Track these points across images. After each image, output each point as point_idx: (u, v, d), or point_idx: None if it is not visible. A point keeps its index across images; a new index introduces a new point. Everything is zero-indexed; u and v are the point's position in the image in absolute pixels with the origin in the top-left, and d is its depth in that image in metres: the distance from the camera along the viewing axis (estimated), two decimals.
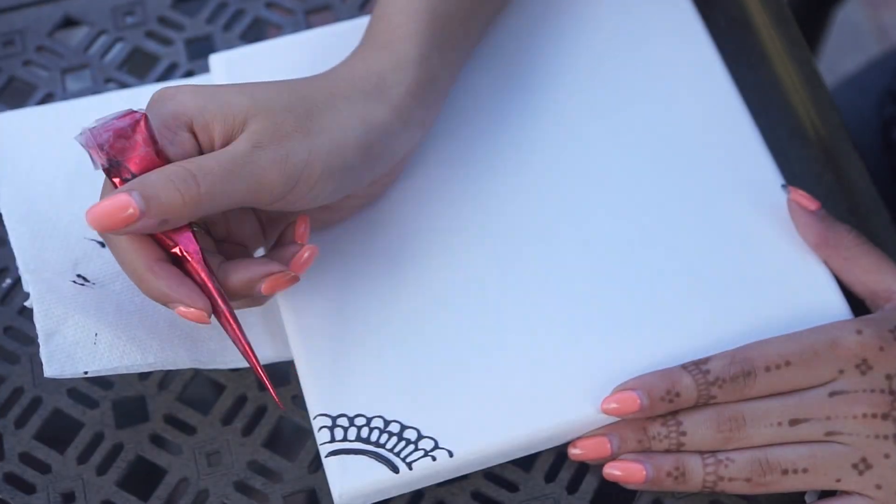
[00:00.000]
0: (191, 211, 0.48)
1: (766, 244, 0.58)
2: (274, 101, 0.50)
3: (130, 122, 0.48)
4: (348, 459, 0.53)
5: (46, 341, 0.53)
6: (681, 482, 0.53)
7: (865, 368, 0.52)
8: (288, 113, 0.50)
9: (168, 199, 0.47)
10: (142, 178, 0.48)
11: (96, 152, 0.48)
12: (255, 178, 0.49)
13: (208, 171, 0.48)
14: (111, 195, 0.47)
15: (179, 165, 0.48)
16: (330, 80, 0.53)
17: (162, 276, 0.48)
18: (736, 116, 0.61)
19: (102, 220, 0.47)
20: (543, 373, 0.55)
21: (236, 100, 0.50)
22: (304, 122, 0.50)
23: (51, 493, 0.55)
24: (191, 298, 0.48)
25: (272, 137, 0.49)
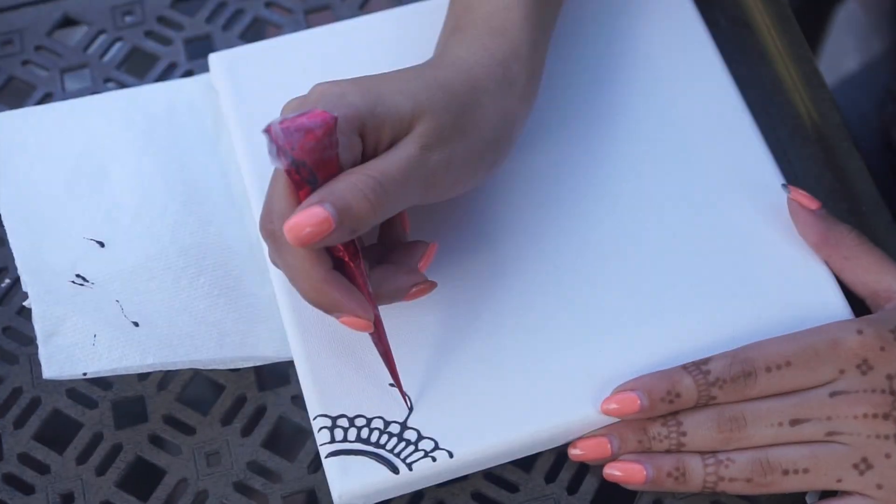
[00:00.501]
0: (378, 219, 0.48)
1: (767, 244, 0.58)
2: (434, 102, 0.50)
3: (322, 124, 0.46)
4: (348, 460, 0.53)
5: (45, 342, 0.53)
6: (681, 483, 0.53)
7: (866, 368, 0.52)
8: (447, 113, 0.51)
9: (360, 209, 0.47)
10: (330, 188, 0.47)
11: (282, 151, 0.46)
12: (428, 180, 0.50)
13: (391, 178, 0.48)
14: (305, 208, 0.46)
15: (364, 174, 0.47)
16: (466, 72, 0.53)
17: (336, 286, 0.48)
18: (736, 116, 0.61)
19: (301, 235, 0.46)
20: (543, 373, 0.54)
21: (402, 102, 0.50)
22: (459, 120, 0.51)
23: (50, 494, 0.55)
24: (362, 309, 0.49)
25: (438, 138, 0.50)
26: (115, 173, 0.60)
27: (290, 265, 0.49)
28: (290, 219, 0.46)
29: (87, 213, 0.58)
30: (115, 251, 0.57)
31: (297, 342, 0.55)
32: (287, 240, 0.47)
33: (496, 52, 0.54)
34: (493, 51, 0.54)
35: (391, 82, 0.51)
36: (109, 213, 0.58)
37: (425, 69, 0.53)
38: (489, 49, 0.54)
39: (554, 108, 0.61)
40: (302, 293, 0.49)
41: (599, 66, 0.63)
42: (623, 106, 0.61)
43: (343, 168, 0.48)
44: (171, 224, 0.58)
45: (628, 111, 0.61)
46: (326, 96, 0.49)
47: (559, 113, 0.61)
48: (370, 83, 0.50)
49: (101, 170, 0.60)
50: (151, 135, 0.61)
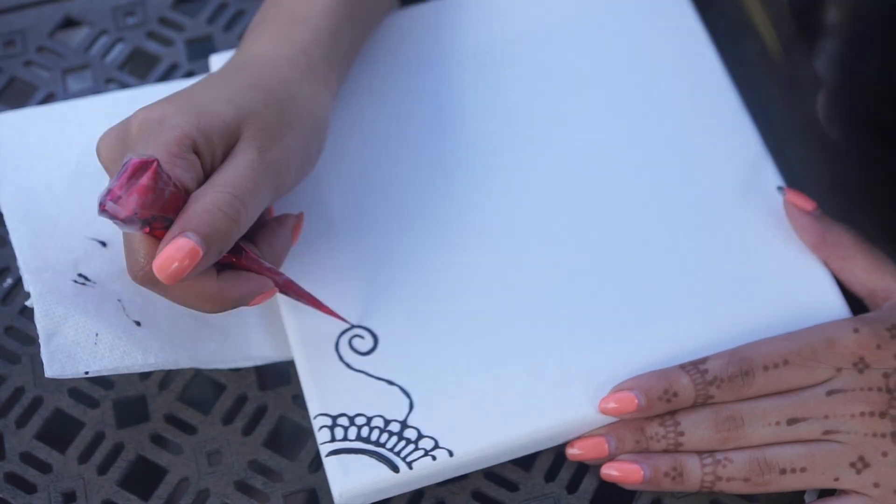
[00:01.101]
0: (242, 231, 0.47)
1: (765, 244, 0.58)
2: (255, 102, 0.50)
3: (149, 172, 0.45)
4: (348, 459, 0.53)
5: (47, 342, 0.53)
6: (679, 482, 0.53)
7: (863, 367, 0.52)
8: (268, 110, 0.50)
9: (223, 227, 0.46)
10: (187, 216, 0.46)
11: (129, 221, 0.45)
12: (275, 180, 0.49)
13: (243, 188, 0.47)
14: (169, 242, 0.45)
15: (216, 191, 0.47)
16: (273, 67, 0.53)
17: (231, 286, 0.48)
18: (735, 117, 0.61)
19: (171, 271, 0.45)
20: (543, 373, 0.55)
21: (224, 108, 0.49)
22: (282, 115, 0.51)
23: (52, 493, 0.55)
24: (262, 287, 0.50)
25: (269, 138, 0.50)
26: None
27: (182, 296, 0.48)
28: (157, 258, 0.45)
29: (88, 212, 0.58)
30: (116, 251, 0.57)
31: (297, 342, 0.56)
32: (161, 285, 0.47)
33: (297, 41, 0.54)
34: (294, 39, 0.54)
35: (207, 91, 0.50)
36: None
37: (233, 72, 0.53)
38: (291, 38, 0.54)
39: (554, 108, 0.62)
40: (206, 312, 0.49)
41: (598, 67, 0.63)
42: (622, 107, 0.62)
43: (189, 189, 0.47)
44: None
45: (627, 112, 0.61)
46: (146, 127, 0.48)
47: (559, 114, 0.61)
48: (187, 98, 0.49)
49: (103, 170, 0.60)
50: None
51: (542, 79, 0.62)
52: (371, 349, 0.55)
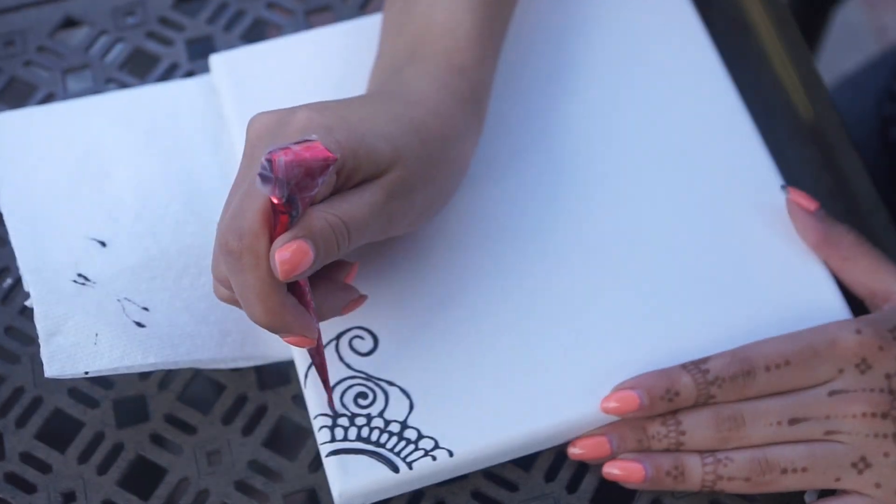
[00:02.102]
0: (333, 259, 0.48)
1: (766, 244, 0.58)
2: (409, 151, 0.50)
3: (323, 165, 0.45)
4: (348, 459, 0.53)
5: (47, 342, 0.53)
6: (680, 481, 0.53)
7: (865, 368, 0.52)
8: (417, 163, 0.51)
9: (329, 250, 0.47)
10: (307, 225, 0.46)
11: (280, 183, 0.45)
12: (385, 226, 0.50)
13: (357, 222, 0.48)
14: (292, 241, 0.46)
15: (335, 216, 0.47)
16: (435, 115, 0.52)
17: (289, 310, 0.48)
18: (735, 117, 0.61)
19: (287, 266, 0.46)
20: (543, 372, 0.55)
21: (382, 147, 0.49)
22: (427, 170, 0.51)
23: (51, 493, 0.55)
24: (308, 330, 0.49)
25: (404, 188, 0.50)
26: (117, 173, 0.60)
27: (249, 286, 0.47)
28: (281, 249, 0.46)
29: (88, 212, 0.58)
30: (116, 251, 0.57)
31: None
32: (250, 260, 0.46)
33: (457, 92, 0.54)
34: (454, 90, 0.54)
35: (373, 123, 0.50)
36: (111, 212, 0.58)
37: (398, 106, 0.52)
38: (450, 88, 0.54)
39: (554, 108, 0.62)
40: (252, 313, 0.48)
41: (599, 68, 0.63)
42: (622, 107, 0.62)
43: (315, 201, 0.48)
44: (172, 224, 0.58)
45: (627, 112, 0.61)
46: (311, 129, 0.48)
47: (559, 114, 0.61)
48: (354, 120, 0.49)
49: (103, 170, 0.60)
50: (153, 135, 0.61)
51: (542, 78, 0.62)
52: (371, 350, 0.55)
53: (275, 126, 0.49)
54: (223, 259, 0.47)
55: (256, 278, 0.47)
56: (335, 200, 0.48)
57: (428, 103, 0.53)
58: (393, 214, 0.50)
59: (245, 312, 0.48)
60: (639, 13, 0.64)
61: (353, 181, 0.49)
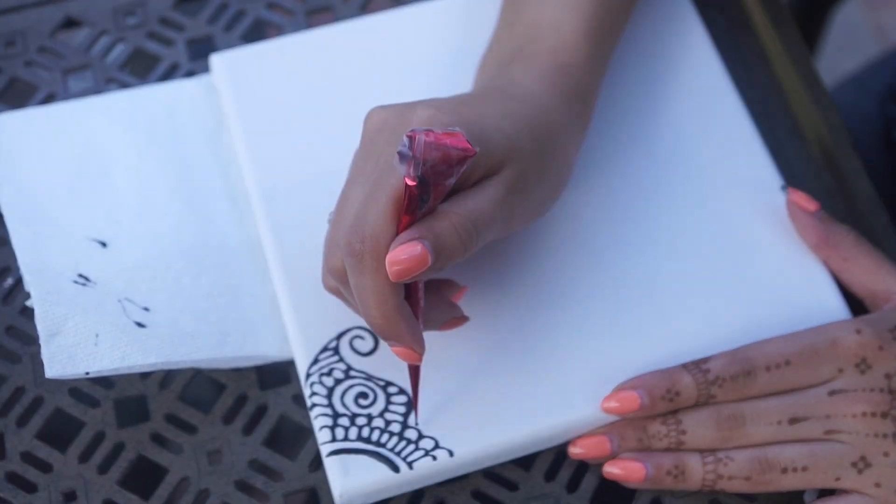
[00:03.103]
0: (462, 259, 0.48)
1: (766, 244, 0.58)
2: (525, 146, 0.50)
3: (462, 153, 0.45)
4: (349, 459, 0.53)
5: (48, 342, 0.53)
6: (680, 481, 0.53)
7: (865, 367, 0.52)
8: (532, 157, 0.51)
9: (454, 250, 0.47)
10: (429, 225, 0.46)
11: (416, 161, 0.44)
12: (507, 223, 0.50)
13: (482, 220, 0.48)
14: (406, 243, 0.46)
15: (460, 216, 0.47)
16: (544, 112, 0.53)
17: (404, 318, 0.48)
18: (735, 117, 0.61)
19: (400, 267, 0.45)
20: (543, 372, 0.55)
21: (498, 142, 0.49)
22: (541, 165, 0.51)
23: (52, 493, 0.55)
24: (418, 343, 0.49)
25: (522, 182, 0.50)
26: (117, 173, 0.60)
27: (368, 288, 0.47)
28: (394, 251, 0.46)
29: (88, 213, 0.58)
30: (116, 251, 0.57)
31: (298, 342, 0.56)
32: (371, 263, 0.46)
33: (565, 91, 0.54)
34: (562, 89, 0.54)
35: (489, 118, 0.50)
36: (111, 213, 0.59)
37: (509, 103, 0.52)
38: (559, 87, 0.54)
39: None
40: (369, 317, 0.48)
41: None
42: (622, 106, 0.62)
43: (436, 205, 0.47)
44: (172, 224, 0.58)
45: (627, 112, 0.61)
46: (434, 125, 0.48)
47: None
48: (471, 116, 0.49)
49: (103, 170, 0.60)
50: (153, 135, 0.61)
51: None
52: (371, 350, 0.55)
53: (394, 120, 0.49)
54: (347, 261, 0.47)
55: (376, 282, 0.47)
56: (457, 199, 0.48)
57: (536, 100, 0.53)
58: (514, 210, 0.50)
59: (361, 314, 0.48)
60: (639, 13, 0.64)
61: (472, 179, 0.49)
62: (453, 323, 0.53)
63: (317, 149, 0.60)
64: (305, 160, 0.60)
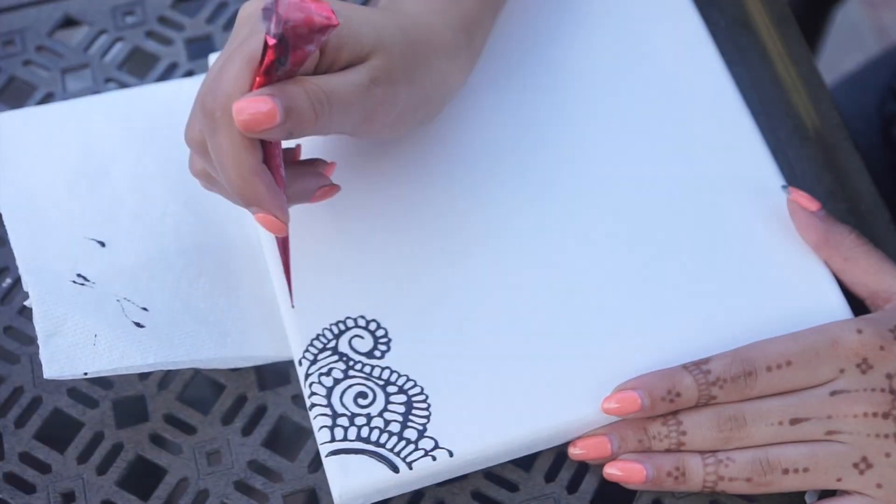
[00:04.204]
0: (314, 131, 0.48)
1: (767, 244, 0.58)
2: (395, 43, 0.51)
3: (325, 21, 0.45)
4: (348, 459, 0.53)
5: (46, 342, 0.53)
6: (681, 482, 0.53)
7: (866, 368, 0.52)
8: (401, 57, 0.51)
9: (304, 116, 0.47)
10: (282, 87, 0.46)
11: (278, 19, 0.44)
12: (367, 113, 0.50)
13: (338, 98, 0.48)
14: (257, 95, 0.46)
15: (316, 85, 0.48)
16: (424, 28, 0.54)
17: (263, 179, 0.48)
18: (736, 116, 0.61)
19: (245, 117, 0.45)
20: (544, 372, 0.55)
21: (367, 31, 0.50)
22: (409, 67, 0.52)
23: (51, 493, 0.55)
24: (281, 211, 0.49)
25: (387, 77, 0.51)
26: (116, 173, 0.60)
27: (223, 147, 0.47)
28: (241, 100, 0.46)
29: (87, 212, 0.58)
30: (115, 251, 0.57)
31: (297, 342, 0.55)
32: (225, 120, 0.47)
33: (448, 19, 0.55)
34: (445, 16, 0.55)
35: (359, 11, 0.51)
36: (110, 212, 0.58)
37: (388, 12, 0.54)
38: (442, 14, 0.55)
39: (554, 108, 0.61)
40: (228, 180, 0.48)
41: (599, 66, 0.63)
42: (623, 106, 0.62)
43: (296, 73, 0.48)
44: (171, 224, 0.58)
45: (628, 111, 0.61)
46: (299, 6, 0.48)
47: (558, 113, 0.61)
48: (340, 5, 0.51)
49: (102, 170, 0.60)
50: (152, 135, 0.61)
51: (542, 77, 0.62)
52: (371, 349, 0.55)
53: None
54: (201, 121, 0.48)
55: (230, 139, 0.47)
56: (321, 77, 0.49)
57: (418, 18, 0.54)
58: (376, 103, 0.50)
59: (221, 179, 0.48)
60: (639, 12, 0.64)
61: (337, 63, 0.50)
62: (321, 194, 0.53)
63: (315, 148, 0.60)
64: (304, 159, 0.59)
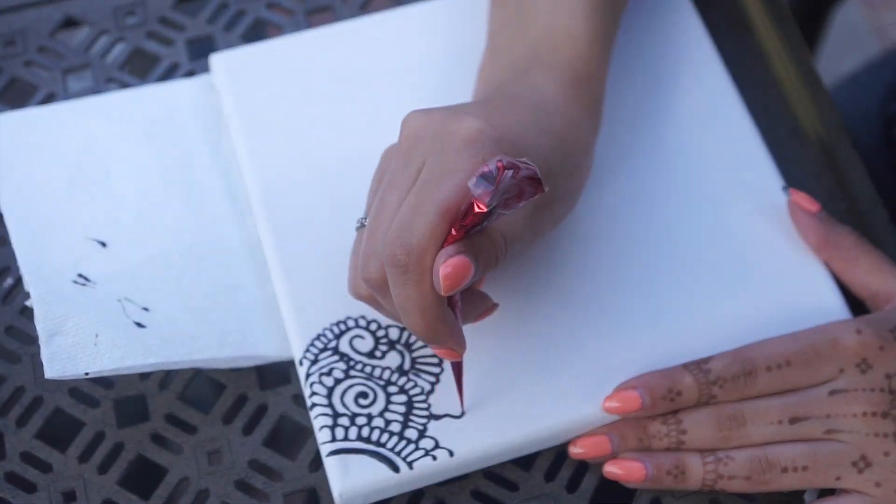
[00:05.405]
0: (489, 271, 0.48)
1: (766, 244, 0.58)
2: (556, 165, 0.51)
3: (533, 192, 0.45)
4: (349, 458, 0.53)
5: (47, 342, 0.53)
6: (681, 481, 0.53)
7: (865, 367, 0.52)
8: (561, 176, 0.51)
9: (489, 264, 0.48)
10: (474, 242, 0.47)
11: (496, 193, 0.44)
12: (532, 236, 0.51)
13: (514, 237, 0.49)
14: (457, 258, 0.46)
15: (495, 231, 0.48)
16: (570, 125, 0.53)
17: (446, 323, 0.48)
18: (736, 117, 0.61)
19: (451, 284, 0.46)
20: (544, 372, 0.55)
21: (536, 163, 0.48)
22: (568, 182, 0.52)
23: (52, 493, 0.55)
24: (459, 344, 0.49)
25: (549, 199, 0.51)
26: (117, 173, 0.60)
27: (412, 300, 0.47)
28: (445, 265, 0.46)
29: (88, 212, 0.58)
30: (116, 251, 0.57)
31: (298, 342, 0.55)
32: (416, 273, 0.46)
33: (583, 102, 0.55)
34: (582, 101, 0.54)
35: (528, 135, 0.50)
36: (111, 213, 0.58)
37: (542, 117, 0.52)
38: (578, 99, 0.54)
39: None
40: (413, 326, 0.48)
41: None
42: (623, 106, 0.62)
43: None
44: (172, 224, 0.58)
45: (628, 111, 0.61)
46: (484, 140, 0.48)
47: None
48: (513, 134, 0.49)
49: (103, 170, 0.60)
50: (153, 135, 0.61)
51: None
52: (371, 349, 0.55)
53: (438, 126, 0.49)
54: (389, 271, 0.47)
55: (420, 293, 0.47)
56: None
57: (563, 113, 0.53)
58: (540, 225, 0.51)
59: (404, 322, 0.49)
60: (639, 13, 0.64)
61: None
62: (485, 313, 0.53)
63: (316, 149, 0.60)
64: (305, 160, 0.60)
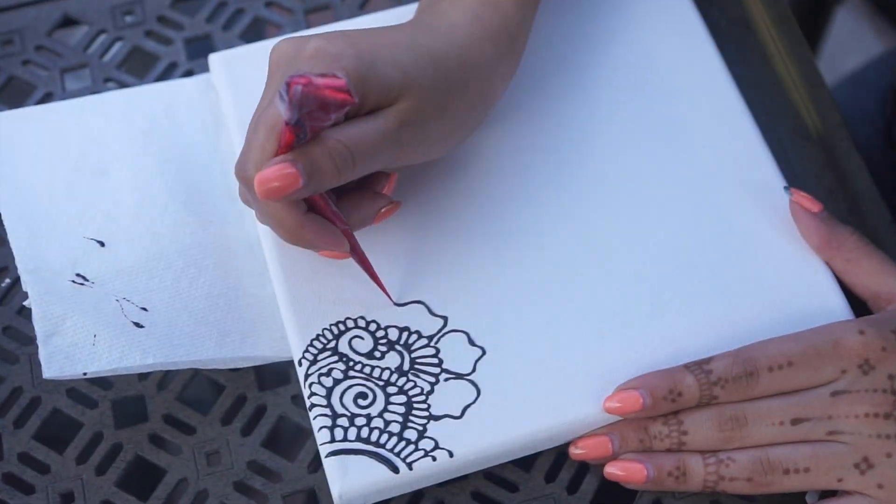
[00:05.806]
0: (342, 182, 0.50)
1: (768, 245, 0.58)
2: (424, 79, 0.51)
3: (340, 104, 0.47)
4: (348, 459, 0.53)
5: (45, 342, 0.53)
6: (682, 482, 0.53)
7: (868, 368, 0.52)
8: (432, 91, 0.52)
9: (327, 174, 0.49)
10: (305, 151, 0.48)
11: (293, 107, 0.46)
12: (396, 154, 0.52)
13: (363, 148, 0.50)
14: (277, 164, 0.48)
15: (338, 141, 0.49)
16: (460, 46, 0.53)
17: (310, 228, 0.50)
18: (737, 116, 0.61)
19: (267, 188, 0.48)
20: (544, 372, 0.54)
21: (393, 75, 0.51)
22: (442, 98, 0.52)
23: (50, 494, 0.55)
24: (336, 244, 0.52)
25: (417, 116, 0.51)
26: (115, 173, 0.60)
27: (264, 213, 0.51)
28: (261, 172, 0.48)
29: (87, 212, 0.58)
30: (115, 251, 0.57)
31: (297, 342, 0.55)
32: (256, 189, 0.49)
33: (488, 25, 0.55)
34: (486, 23, 0.55)
35: (385, 50, 0.51)
36: (109, 212, 0.58)
37: (419, 36, 0.53)
38: (483, 21, 0.55)
39: (554, 108, 0.61)
40: (279, 235, 0.52)
41: (600, 66, 0.63)
42: (623, 106, 0.61)
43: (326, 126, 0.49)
44: (171, 224, 0.58)
45: (629, 111, 0.61)
46: (319, 56, 0.50)
47: (560, 113, 0.61)
48: (365, 47, 0.51)
49: (101, 169, 0.60)
50: (151, 134, 0.61)
51: (542, 77, 0.62)
52: (371, 350, 0.55)
53: (292, 52, 0.51)
54: (241, 190, 0.52)
55: (271, 206, 0.50)
56: (345, 126, 0.50)
57: (454, 34, 0.54)
58: (405, 143, 0.51)
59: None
60: (640, 13, 0.64)
61: (364, 108, 0.50)
62: (383, 214, 0.54)
63: None
64: None
